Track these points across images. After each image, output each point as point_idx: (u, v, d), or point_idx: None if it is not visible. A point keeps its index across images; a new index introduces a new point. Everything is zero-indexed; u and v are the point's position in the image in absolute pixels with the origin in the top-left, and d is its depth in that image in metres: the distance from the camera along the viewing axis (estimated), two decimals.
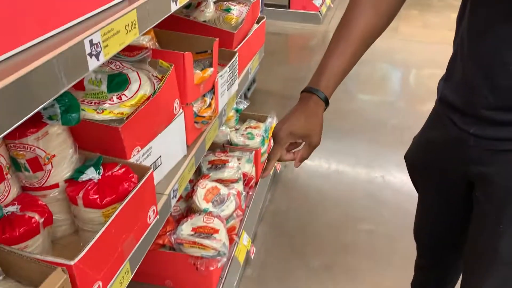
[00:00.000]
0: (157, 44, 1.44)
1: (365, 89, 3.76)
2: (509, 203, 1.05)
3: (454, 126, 1.09)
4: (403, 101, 3.66)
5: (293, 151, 1.09)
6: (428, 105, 1.35)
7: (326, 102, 1.03)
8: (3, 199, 0.94)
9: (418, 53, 4.29)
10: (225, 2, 1.82)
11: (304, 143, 1.06)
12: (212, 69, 1.41)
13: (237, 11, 1.76)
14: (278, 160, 1.08)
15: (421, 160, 1.31)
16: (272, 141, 1.11)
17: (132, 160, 1.10)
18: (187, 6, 1.73)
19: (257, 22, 1.98)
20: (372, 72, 3.96)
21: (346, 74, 1.05)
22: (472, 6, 0.98)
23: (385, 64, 4.16)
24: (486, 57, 0.96)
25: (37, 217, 0.93)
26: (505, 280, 1.09)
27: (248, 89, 3.33)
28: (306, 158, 1.08)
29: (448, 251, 1.43)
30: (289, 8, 4.94)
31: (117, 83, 1.12)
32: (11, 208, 0.92)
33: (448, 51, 1.12)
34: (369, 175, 2.74)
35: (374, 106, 3.52)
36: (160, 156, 1.23)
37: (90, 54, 0.77)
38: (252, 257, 2.08)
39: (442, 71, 1.16)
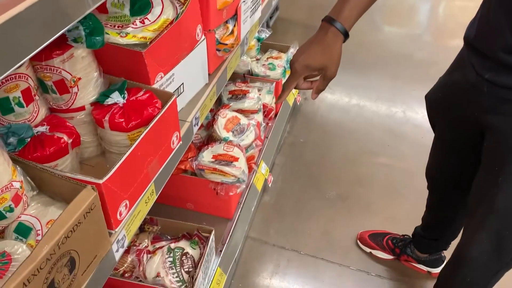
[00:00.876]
0: None
1: (391, 20, 3.61)
2: (511, 156, 1.05)
3: (473, 70, 1.08)
4: (430, 34, 3.52)
5: (310, 80, 1.09)
6: (456, 41, 1.31)
7: (346, 34, 1.00)
8: (32, 120, 0.97)
9: None
10: None
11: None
12: None
13: None
14: (295, 88, 1.08)
15: (440, 100, 1.30)
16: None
17: (156, 86, 1.11)
18: None
19: None
20: (399, 2, 3.78)
21: (370, 5, 1.02)
22: None
23: None
24: None
25: (65, 137, 0.96)
26: (497, 231, 1.13)
27: (271, 17, 3.23)
28: (322, 90, 1.08)
29: (456, 193, 1.46)
30: None
31: (140, 6, 1.10)
32: (41, 129, 0.96)
33: None
34: (390, 109, 2.71)
35: (399, 39, 3.40)
36: (183, 83, 1.23)
37: None
38: (270, 185, 2.15)
39: (474, 4, 1.11)
